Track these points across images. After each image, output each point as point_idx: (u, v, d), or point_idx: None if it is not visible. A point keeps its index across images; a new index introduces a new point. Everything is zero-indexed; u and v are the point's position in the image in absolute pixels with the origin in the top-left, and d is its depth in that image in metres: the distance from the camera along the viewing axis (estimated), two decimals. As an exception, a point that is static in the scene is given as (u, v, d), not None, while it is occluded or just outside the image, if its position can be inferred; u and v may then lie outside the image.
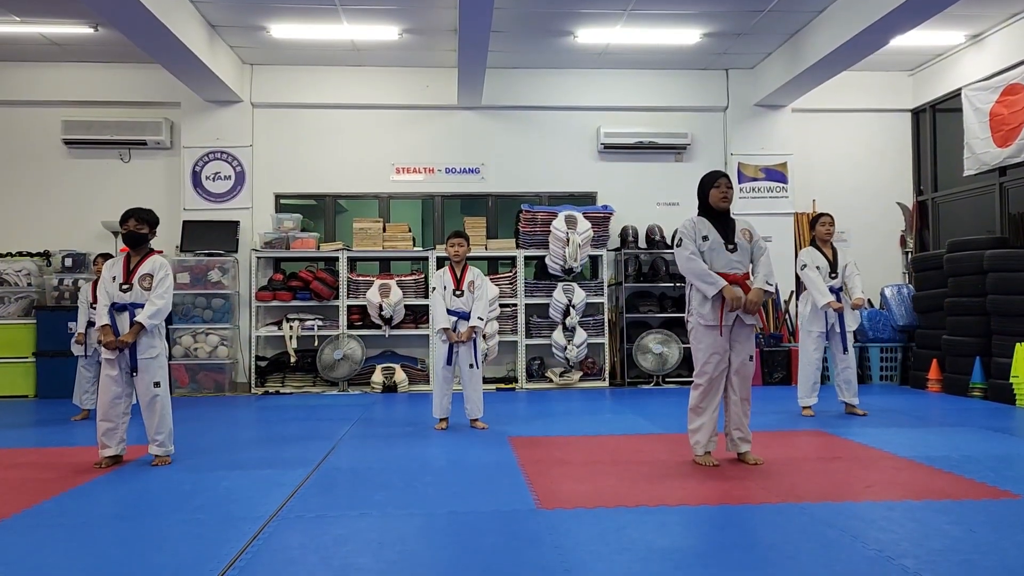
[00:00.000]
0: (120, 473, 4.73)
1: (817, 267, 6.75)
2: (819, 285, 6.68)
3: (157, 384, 4.96)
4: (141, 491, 4.28)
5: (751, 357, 4.73)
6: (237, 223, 9.47)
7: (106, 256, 7.38)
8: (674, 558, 2.99)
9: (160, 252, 5.27)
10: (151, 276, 4.99)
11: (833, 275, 6.74)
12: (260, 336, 9.34)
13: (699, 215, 4.94)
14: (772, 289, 4.74)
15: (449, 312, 6.27)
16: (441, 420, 6.34)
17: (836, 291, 6.73)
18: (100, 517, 3.76)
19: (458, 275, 6.36)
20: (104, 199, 9.56)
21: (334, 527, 3.47)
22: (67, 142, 9.56)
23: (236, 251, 9.38)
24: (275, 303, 9.31)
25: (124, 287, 4.97)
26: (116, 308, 4.96)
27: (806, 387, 6.79)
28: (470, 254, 6.79)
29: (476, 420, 6.37)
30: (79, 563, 3.06)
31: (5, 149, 9.69)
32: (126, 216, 5.05)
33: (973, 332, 7.90)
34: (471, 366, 6.29)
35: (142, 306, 4.94)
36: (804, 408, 6.80)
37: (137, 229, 5.02)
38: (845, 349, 6.69)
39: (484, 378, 9.37)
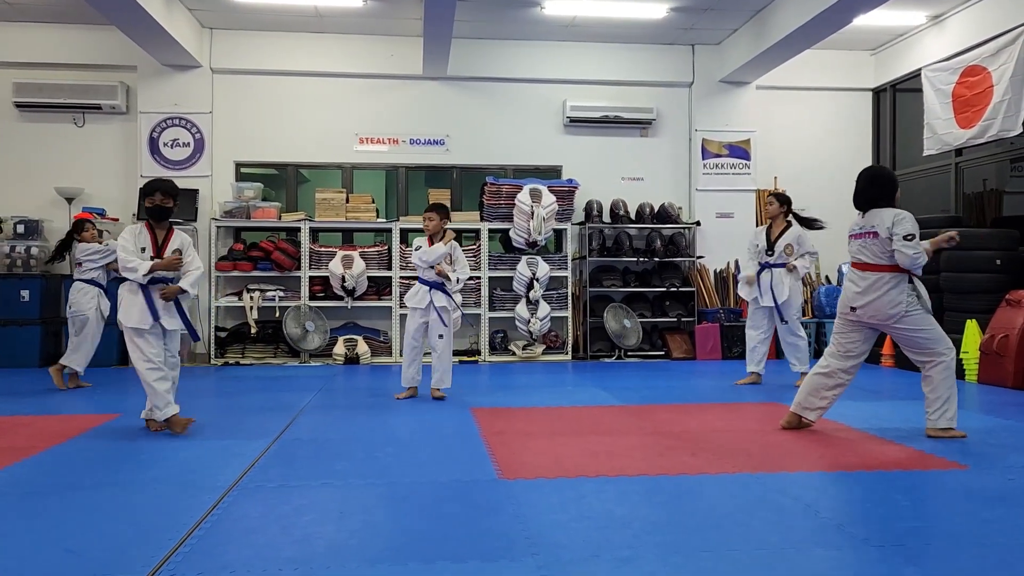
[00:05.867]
0: (75, 443, 4.65)
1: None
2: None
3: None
4: (97, 461, 4.22)
5: None
6: (196, 191, 9.29)
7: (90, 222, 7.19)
8: (633, 526, 3.04)
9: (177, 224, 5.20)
10: (180, 252, 5.02)
11: (769, 252, 7.05)
12: (220, 306, 9.21)
13: None
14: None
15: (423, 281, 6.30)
16: (408, 389, 6.37)
17: (771, 266, 7.01)
18: (54, 486, 3.70)
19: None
20: (57, 164, 9.31)
21: (295, 497, 3.46)
22: (18, 105, 9.26)
23: (195, 220, 9.22)
24: (235, 273, 9.19)
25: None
26: (150, 281, 4.91)
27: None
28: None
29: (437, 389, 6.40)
30: (32, 532, 3.01)
31: (-48, 111, 9.37)
32: (151, 189, 4.98)
33: (926, 309, 8.08)
34: (440, 336, 6.30)
35: (171, 280, 4.97)
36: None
37: (163, 203, 4.98)
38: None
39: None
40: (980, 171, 8.81)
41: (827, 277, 10.21)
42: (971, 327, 7.30)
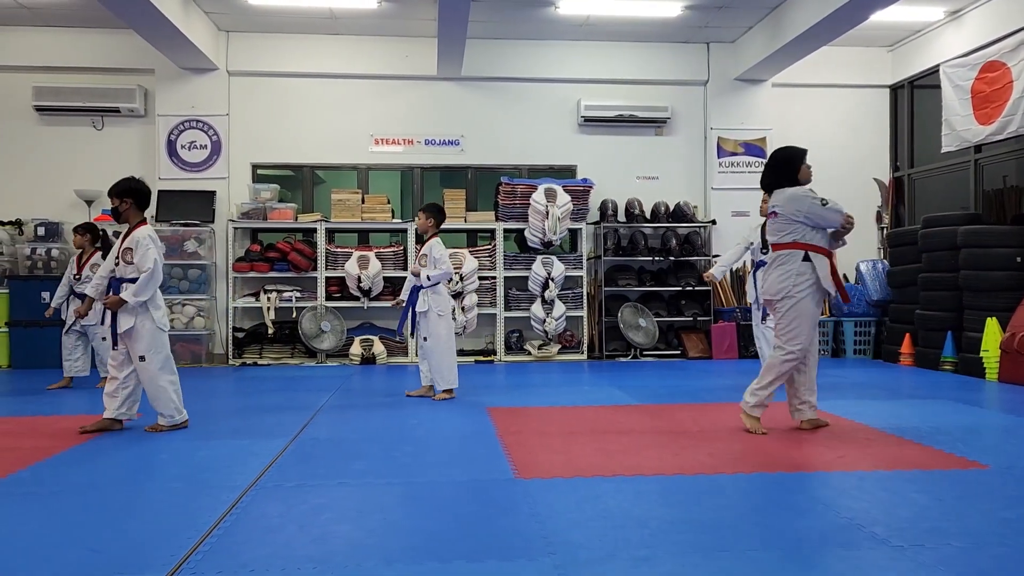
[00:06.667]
0: (97, 443, 4.70)
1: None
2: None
3: (141, 358, 4.92)
4: (117, 461, 4.26)
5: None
6: (213, 193, 9.36)
7: (87, 227, 7.25)
8: (650, 525, 3.03)
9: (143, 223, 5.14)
10: (131, 251, 4.94)
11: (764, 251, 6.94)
12: (237, 307, 9.28)
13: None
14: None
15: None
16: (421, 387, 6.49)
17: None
18: (76, 486, 3.74)
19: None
20: (77, 167, 9.41)
21: (313, 496, 3.49)
22: (38, 108, 9.37)
23: (212, 221, 9.29)
24: (252, 274, 9.25)
25: (116, 262, 5.01)
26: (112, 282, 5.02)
27: None
28: (442, 225, 6.65)
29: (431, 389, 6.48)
30: (54, 531, 3.05)
31: (-26, 115, 9.49)
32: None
33: (946, 307, 8.03)
34: (424, 339, 6.38)
35: (130, 280, 4.92)
36: None
37: (112, 204, 5.04)
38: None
39: (462, 350, 9.46)
40: (1000, 168, 8.72)
41: (844, 275, 10.12)
42: (991, 325, 7.23)
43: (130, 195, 5.04)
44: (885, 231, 10.24)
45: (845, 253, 9.99)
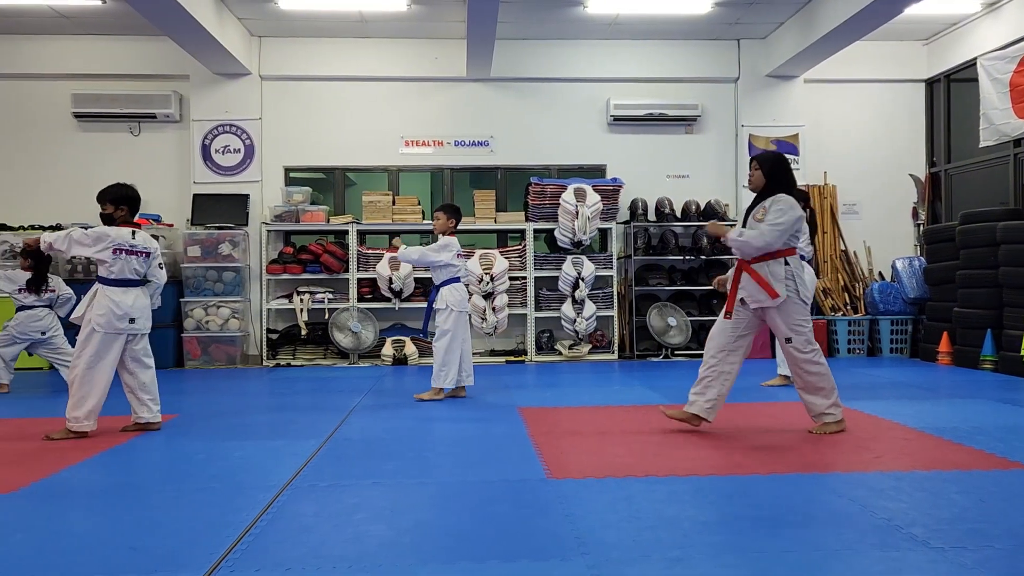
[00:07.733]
0: (136, 443, 4.78)
1: None
2: None
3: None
4: (156, 461, 4.35)
5: (787, 339, 4.70)
6: (247, 196, 9.48)
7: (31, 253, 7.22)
8: (683, 527, 3.02)
9: (124, 227, 5.17)
10: None
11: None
12: (271, 309, 9.39)
13: None
14: (732, 236, 4.67)
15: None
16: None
17: None
18: (116, 486, 3.82)
19: None
20: (115, 172, 9.40)
21: (347, 496, 3.52)
22: (77, 115, 9.57)
23: (246, 224, 9.40)
24: (285, 276, 9.35)
25: None
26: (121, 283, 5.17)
27: None
28: (472, 226, 6.68)
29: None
30: (96, 531, 3.11)
31: (15, 122, 9.70)
32: None
33: (984, 304, 7.87)
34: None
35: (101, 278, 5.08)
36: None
37: (106, 210, 5.08)
38: None
39: (493, 350, 9.51)
40: (1040, 162, 8.55)
41: (880, 273, 9.99)
42: (1032, 323, 7.09)
43: (126, 203, 5.06)
44: (922, 228, 10.07)
45: (881, 250, 9.95)
